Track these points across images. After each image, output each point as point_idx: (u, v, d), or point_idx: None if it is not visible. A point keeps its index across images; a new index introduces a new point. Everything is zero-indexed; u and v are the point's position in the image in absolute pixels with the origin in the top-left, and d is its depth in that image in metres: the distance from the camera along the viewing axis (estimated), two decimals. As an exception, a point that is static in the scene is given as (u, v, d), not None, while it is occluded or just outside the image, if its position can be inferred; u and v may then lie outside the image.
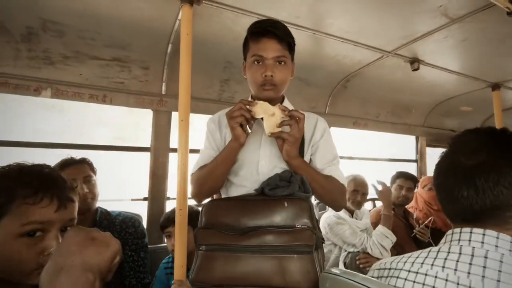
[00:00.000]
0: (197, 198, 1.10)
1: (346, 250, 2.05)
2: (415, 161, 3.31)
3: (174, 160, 1.49)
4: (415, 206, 2.80)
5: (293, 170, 0.99)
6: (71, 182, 0.74)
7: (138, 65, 1.86)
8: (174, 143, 2.02)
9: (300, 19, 1.62)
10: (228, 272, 0.83)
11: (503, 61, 2.27)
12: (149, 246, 1.75)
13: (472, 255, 0.59)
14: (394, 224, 2.29)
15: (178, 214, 1.26)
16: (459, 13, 1.58)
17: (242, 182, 1.06)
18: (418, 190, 2.77)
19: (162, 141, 1.98)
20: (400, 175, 2.50)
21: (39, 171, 0.67)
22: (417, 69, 2.15)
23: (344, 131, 2.92)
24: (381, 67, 2.27)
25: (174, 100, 1.98)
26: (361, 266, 1.90)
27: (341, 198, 1.06)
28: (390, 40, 1.89)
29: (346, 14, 1.61)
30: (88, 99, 1.77)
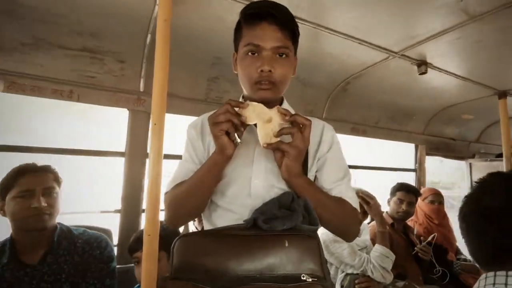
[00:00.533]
0: (171, 224, 0.87)
1: (344, 271, 1.84)
2: (414, 170, 3.14)
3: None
4: (415, 219, 2.63)
5: (294, 192, 0.78)
6: None
7: (112, 57, 1.61)
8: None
9: (301, 10, 1.40)
10: None
11: (514, 67, 2.11)
12: (121, 266, 1.51)
13: None
14: (394, 241, 2.11)
15: (146, 240, 1.03)
16: (481, 9, 1.39)
17: (230, 205, 0.84)
18: (418, 202, 2.59)
19: (138, 145, 1.73)
20: (400, 188, 2.30)
21: None
22: (424, 72, 1.96)
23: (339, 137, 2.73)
24: (385, 69, 2.07)
25: (154, 98, 1.74)
26: (361, 291, 1.70)
27: (354, 226, 0.85)
28: (399, 39, 1.70)
29: (355, 7, 1.40)
30: (50, 95, 1.51)
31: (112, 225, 1.69)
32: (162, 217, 0.99)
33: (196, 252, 0.68)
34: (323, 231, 1.85)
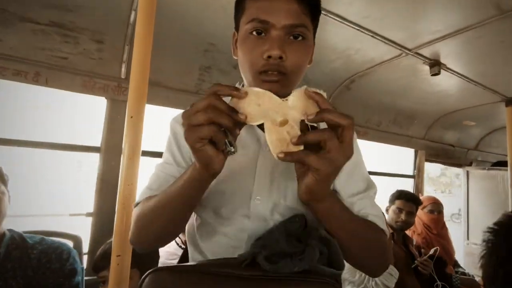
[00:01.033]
0: (136, 246, 0.65)
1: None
2: (413, 176, 3.02)
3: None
4: (413, 229, 2.50)
5: (315, 216, 0.55)
6: None
7: (89, 36, 1.38)
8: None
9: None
10: None
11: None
12: (91, 278, 1.30)
13: None
14: (394, 252, 1.97)
15: (114, 262, 0.83)
16: (515, 4, 1.23)
17: (223, 227, 0.64)
18: (417, 211, 2.46)
19: (117, 140, 1.51)
20: (400, 195, 2.14)
21: None
22: (437, 73, 1.81)
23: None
24: (394, 68, 1.91)
25: (137, 87, 1.52)
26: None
27: (384, 257, 0.64)
28: (414, 34, 1.53)
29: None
30: (12, 77, 1.28)
31: (83, 230, 1.48)
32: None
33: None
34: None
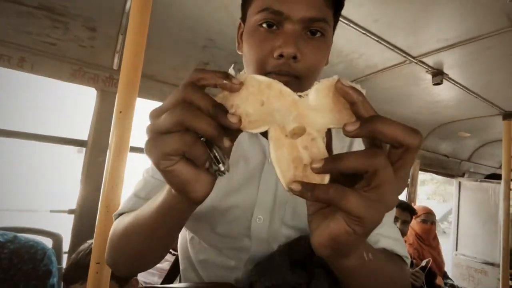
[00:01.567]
0: (113, 269, 0.55)
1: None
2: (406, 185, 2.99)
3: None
4: (405, 238, 2.47)
5: (338, 275, 0.40)
6: None
7: (80, 22, 1.29)
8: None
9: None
10: None
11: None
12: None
13: None
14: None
15: (93, 270, 0.75)
16: (526, 17, 1.19)
17: (218, 244, 0.58)
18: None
19: (105, 134, 1.43)
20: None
21: None
22: (439, 83, 1.77)
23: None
24: (395, 75, 1.87)
25: (129, 80, 1.44)
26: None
27: None
28: (421, 41, 1.48)
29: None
30: (-7, 61, 1.19)
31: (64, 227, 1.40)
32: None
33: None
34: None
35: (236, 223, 0.56)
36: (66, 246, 1.38)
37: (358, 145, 0.63)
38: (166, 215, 0.39)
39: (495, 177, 3.42)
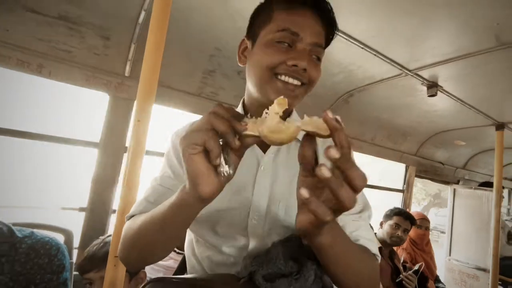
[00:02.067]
0: (124, 263, 0.63)
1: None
2: (402, 191, 3.08)
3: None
4: (403, 246, 2.55)
5: (316, 253, 0.50)
6: None
7: (95, 32, 1.38)
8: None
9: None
10: None
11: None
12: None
13: None
14: (381, 268, 2.01)
15: (111, 262, 0.83)
16: (513, 37, 1.28)
17: (219, 243, 0.65)
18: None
19: (116, 136, 1.51)
20: (399, 213, 2.20)
21: None
22: (434, 95, 1.86)
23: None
24: (392, 86, 1.96)
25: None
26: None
27: (375, 281, 0.61)
28: (416, 56, 1.57)
29: (377, 16, 1.26)
30: (15, 66, 1.27)
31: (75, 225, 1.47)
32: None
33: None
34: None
35: (234, 224, 0.63)
36: (75, 242, 1.46)
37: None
38: (177, 211, 0.47)
39: (489, 185, 3.50)
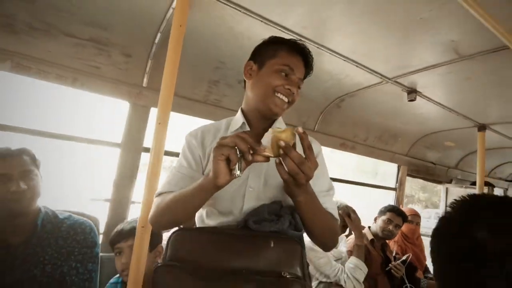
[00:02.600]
0: (153, 225, 0.90)
1: (318, 279, 1.93)
2: (394, 189, 3.28)
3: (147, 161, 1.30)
4: (394, 239, 2.75)
5: (297, 208, 0.78)
6: None
7: (119, 50, 1.64)
8: (148, 142, 1.81)
9: (307, 31, 1.49)
10: None
11: (495, 103, 2.27)
12: (105, 254, 1.54)
13: None
14: (373, 258, 2.22)
15: (140, 232, 1.08)
16: (470, 51, 1.51)
17: (222, 217, 0.90)
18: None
19: (135, 138, 1.77)
20: (392, 209, 2.40)
21: None
22: (413, 100, 2.09)
23: (328, 151, 2.82)
24: (378, 92, 2.19)
25: (155, 95, 1.77)
26: (333, 299, 1.79)
27: (335, 237, 0.92)
28: (393, 67, 1.81)
29: (356, 34, 1.50)
30: (54, 80, 1.53)
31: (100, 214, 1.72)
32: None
33: (192, 248, 0.75)
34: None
35: (235, 190, 0.87)
36: (100, 229, 1.71)
37: (314, 146, 0.98)
38: (199, 192, 0.73)
39: (480, 183, 3.68)
